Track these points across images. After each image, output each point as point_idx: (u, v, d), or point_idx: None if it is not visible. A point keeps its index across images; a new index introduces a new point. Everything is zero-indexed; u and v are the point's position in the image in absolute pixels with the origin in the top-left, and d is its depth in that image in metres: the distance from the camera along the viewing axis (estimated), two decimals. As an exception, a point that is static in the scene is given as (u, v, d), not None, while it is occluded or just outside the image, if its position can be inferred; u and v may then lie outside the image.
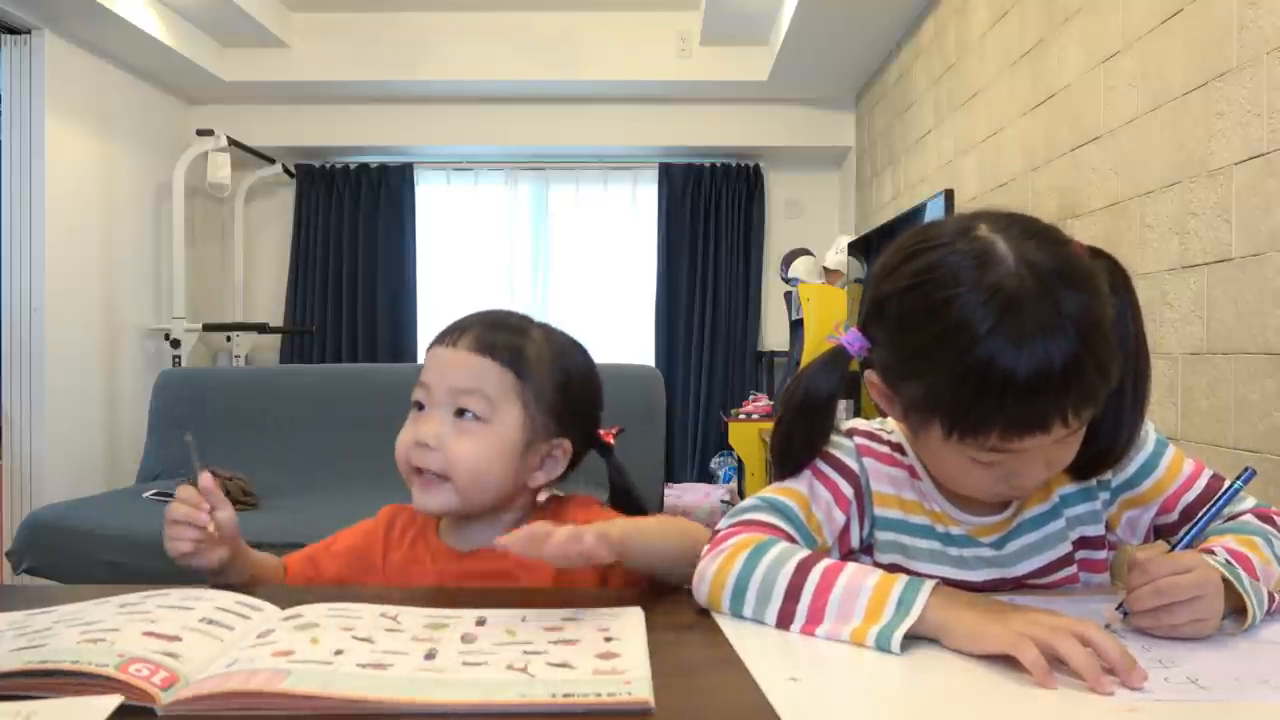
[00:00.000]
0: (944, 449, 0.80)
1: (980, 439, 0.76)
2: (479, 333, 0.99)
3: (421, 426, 0.97)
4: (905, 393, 0.81)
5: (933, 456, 0.86)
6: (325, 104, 4.92)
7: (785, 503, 0.88)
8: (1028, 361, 0.71)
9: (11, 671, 0.61)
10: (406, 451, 0.97)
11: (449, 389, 0.97)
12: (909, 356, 0.79)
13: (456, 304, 5.13)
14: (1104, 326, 0.74)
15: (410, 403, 1.00)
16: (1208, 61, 1.77)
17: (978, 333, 0.72)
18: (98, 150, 4.12)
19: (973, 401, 0.74)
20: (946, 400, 0.76)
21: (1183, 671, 0.65)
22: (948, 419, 0.76)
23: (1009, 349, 0.71)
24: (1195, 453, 1.80)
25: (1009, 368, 0.71)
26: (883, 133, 4.24)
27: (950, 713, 0.61)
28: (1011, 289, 0.72)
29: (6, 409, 3.75)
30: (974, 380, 0.73)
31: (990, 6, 2.89)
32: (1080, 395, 0.73)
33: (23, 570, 2.69)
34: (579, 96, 4.87)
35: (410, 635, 0.70)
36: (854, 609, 0.73)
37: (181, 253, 4.38)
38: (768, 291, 5.17)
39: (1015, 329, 0.71)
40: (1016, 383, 0.71)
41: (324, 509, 2.58)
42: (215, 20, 4.22)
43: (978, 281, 0.73)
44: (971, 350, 0.72)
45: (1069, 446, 0.80)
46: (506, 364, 0.98)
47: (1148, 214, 1.98)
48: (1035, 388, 0.72)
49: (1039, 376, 0.71)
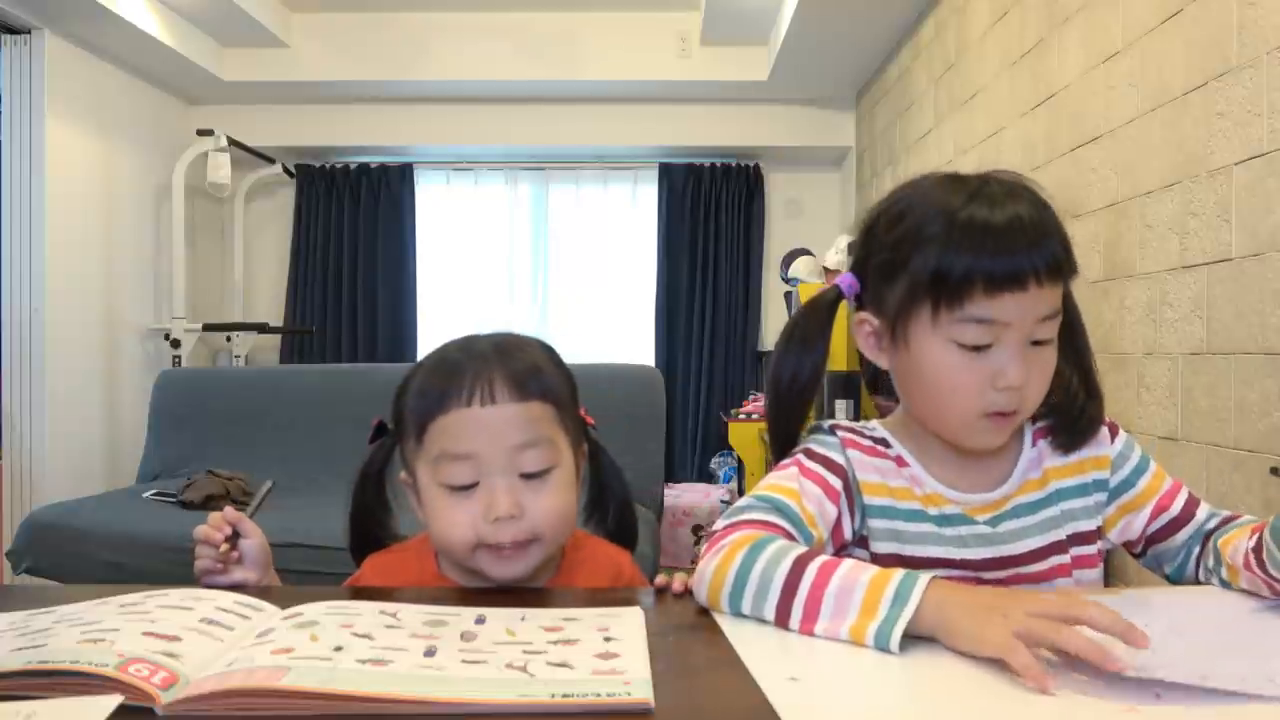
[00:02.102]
0: (934, 345, 0.86)
1: (964, 301, 0.83)
2: (508, 378, 0.90)
3: (493, 502, 0.88)
4: (893, 296, 0.88)
5: (924, 370, 0.88)
6: (325, 104, 4.92)
7: (780, 499, 0.88)
8: (1002, 213, 0.83)
9: (11, 671, 0.61)
10: (474, 534, 0.89)
11: (505, 451, 0.89)
12: (895, 247, 0.88)
13: (456, 304, 5.16)
14: (1059, 219, 0.87)
15: (440, 486, 0.90)
16: (1208, 61, 1.77)
17: (955, 204, 0.84)
18: (98, 150, 4.12)
19: (955, 258, 0.82)
20: (931, 269, 0.84)
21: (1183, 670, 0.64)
22: (933, 289, 0.84)
23: (984, 207, 0.83)
24: (1195, 453, 1.80)
25: (986, 218, 0.83)
26: (883, 132, 4.24)
27: (951, 713, 0.60)
28: (982, 182, 0.87)
29: (6, 409, 3.75)
30: (956, 236, 0.83)
31: (990, 6, 2.89)
32: (1048, 256, 0.82)
33: (23, 570, 2.69)
34: (579, 96, 4.87)
35: (410, 632, 0.70)
36: (849, 604, 0.72)
37: (181, 253, 4.38)
38: (768, 291, 5.17)
39: (988, 197, 0.84)
40: (994, 230, 0.82)
41: (324, 509, 2.58)
42: (215, 20, 4.22)
43: (951, 183, 0.88)
44: (953, 215, 0.84)
45: (1044, 356, 0.86)
46: (549, 400, 0.93)
47: (1148, 214, 1.98)
48: (1010, 235, 0.82)
49: (1012, 224, 0.82)
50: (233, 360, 4.67)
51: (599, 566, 1.02)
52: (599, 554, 1.04)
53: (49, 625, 0.69)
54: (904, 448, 0.94)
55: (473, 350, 0.94)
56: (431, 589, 0.97)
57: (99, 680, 0.59)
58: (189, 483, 2.93)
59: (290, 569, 2.23)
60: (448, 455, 0.90)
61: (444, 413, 0.90)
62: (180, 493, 2.88)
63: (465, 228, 5.29)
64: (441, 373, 0.92)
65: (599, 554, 1.04)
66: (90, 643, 0.64)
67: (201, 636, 0.67)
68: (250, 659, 0.63)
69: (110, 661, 0.60)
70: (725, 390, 5.12)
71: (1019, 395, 0.85)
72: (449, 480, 0.90)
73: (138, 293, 4.41)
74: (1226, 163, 1.71)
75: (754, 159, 5.20)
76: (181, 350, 4.28)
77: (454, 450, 0.89)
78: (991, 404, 0.85)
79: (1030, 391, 0.86)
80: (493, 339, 0.97)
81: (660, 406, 3.09)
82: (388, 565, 1.01)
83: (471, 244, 5.29)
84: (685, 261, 5.17)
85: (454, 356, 0.94)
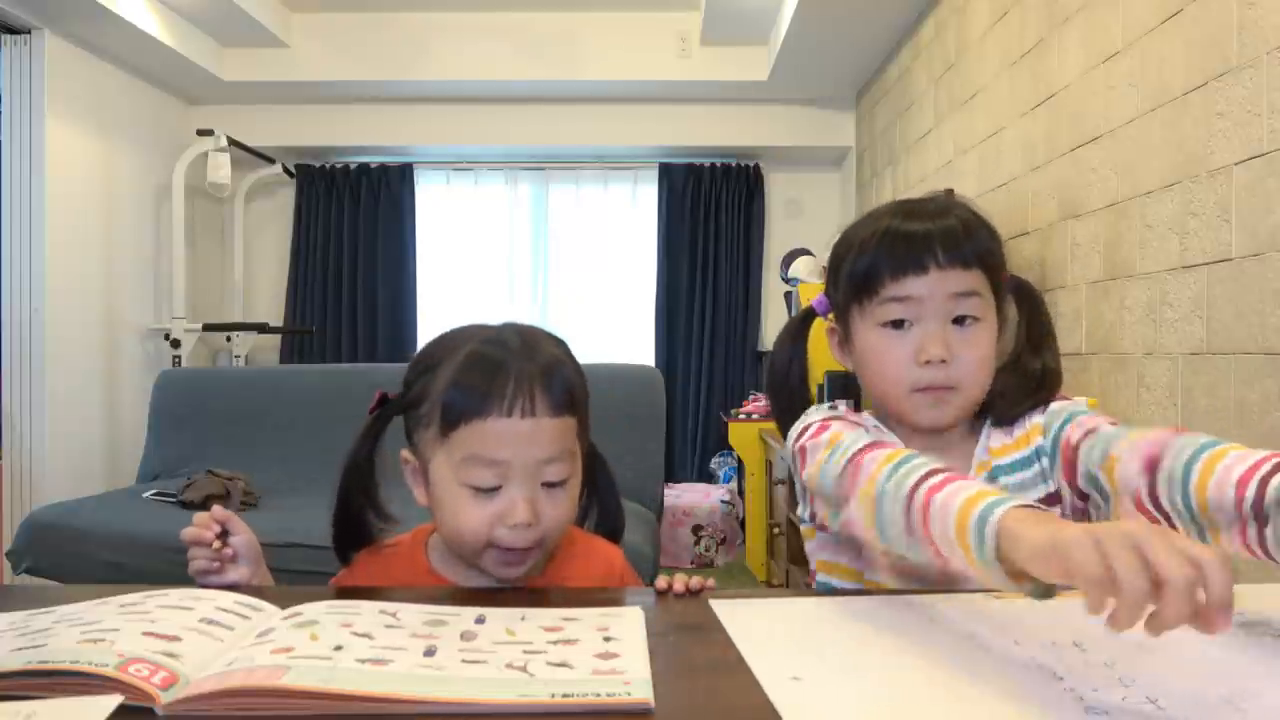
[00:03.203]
0: (867, 332, 0.98)
1: (877, 287, 0.96)
2: (546, 390, 0.90)
3: (512, 509, 0.89)
4: (839, 300, 1.02)
5: (866, 358, 0.99)
6: (325, 104, 4.92)
7: (848, 429, 0.94)
8: (912, 221, 0.96)
9: (11, 671, 0.61)
10: (486, 534, 0.90)
11: (534, 462, 0.90)
12: (837, 258, 1.03)
13: (457, 304, 5.15)
14: (976, 212, 0.99)
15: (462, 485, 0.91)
16: (1208, 61, 1.77)
17: (880, 217, 0.99)
18: (98, 150, 4.12)
19: (866, 257, 0.97)
20: (850, 269, 0.99)
21: (1141, 691, 0.62)
22: (855, 284, 0.98)
23: (901, 219, 0.97)
24: (1195, 453, 1.79)
25: (895, 225, 0.97)
26: (883, 132, 4.24)
27: (952, 713, 0.60)
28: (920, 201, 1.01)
29: (6, 409, 3.75)
30: (872, 241, 0.97)
31: (990, 6, 2.89)
32: (944, 240, 0.94)
33: (23, 570, 2.69)
34: (579, 96, 4.87)
35: (410, 632, 0.70)
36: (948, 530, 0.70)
37: (181, 253, 4.38)
38: (768, 291, 5.17)
39: (911, 211, 0.98)
40: (896, 231, 0.96)
41: (324, 509, 2.57)
42: (215, 20, 4.22)
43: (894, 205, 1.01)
44: (873, 226, 0.98)
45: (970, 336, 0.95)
46: (574, 414, 0.94)
47: (1148, 214, 1.98)
48: (910, 234, 0.95)
49: (914, 226, 0.95)
50: (233, 360, 4.67)
51: (591, 562, 1.03)
52: (591, 549, 1.05)
53: (49, 625, 0.69)
54: (887, 435, 1.00)
55: (508, 348, 0.92)
56: (430, 589, 0.97)
57: (99, 680, 0.59)
58: (189, 483, 2.93)
59: (290, 569, 2.24)
60: (478, 459, 0.89)
61: (483, 418, 0.89)
62: (180, 493, 2.88)
63: (465, 228, 5.29)
64: (482, 372, 0.90)
65: (591, 549, 1.05)
66: (90, 643, 0.64)
67: (201, 636, 0.68)
68: (250, 659, 0.63)
69: (110, 661, 0.60)
70: (725, 390, 5.11)
71: (945, 371, 0.94)
72: (474, 482, 0.90)
73: (138, 293, 4.41)
74: (1226, 163, 1.71)
75: (754, 159, 5.20)
76: (181, 350, 4.28)
77: (486, 455, 0.89)
78: (919, 379, 0.95)
79: (962, 368, 0.95)
80: (519, 335, 0.95)
81: (660, 406, 3.09)
82: (378, 564, 1.01)
83: (471, 244, 5.28)
84: (685, 261, 5.17)
85: (493, 355, 0.92)
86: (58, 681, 0.60)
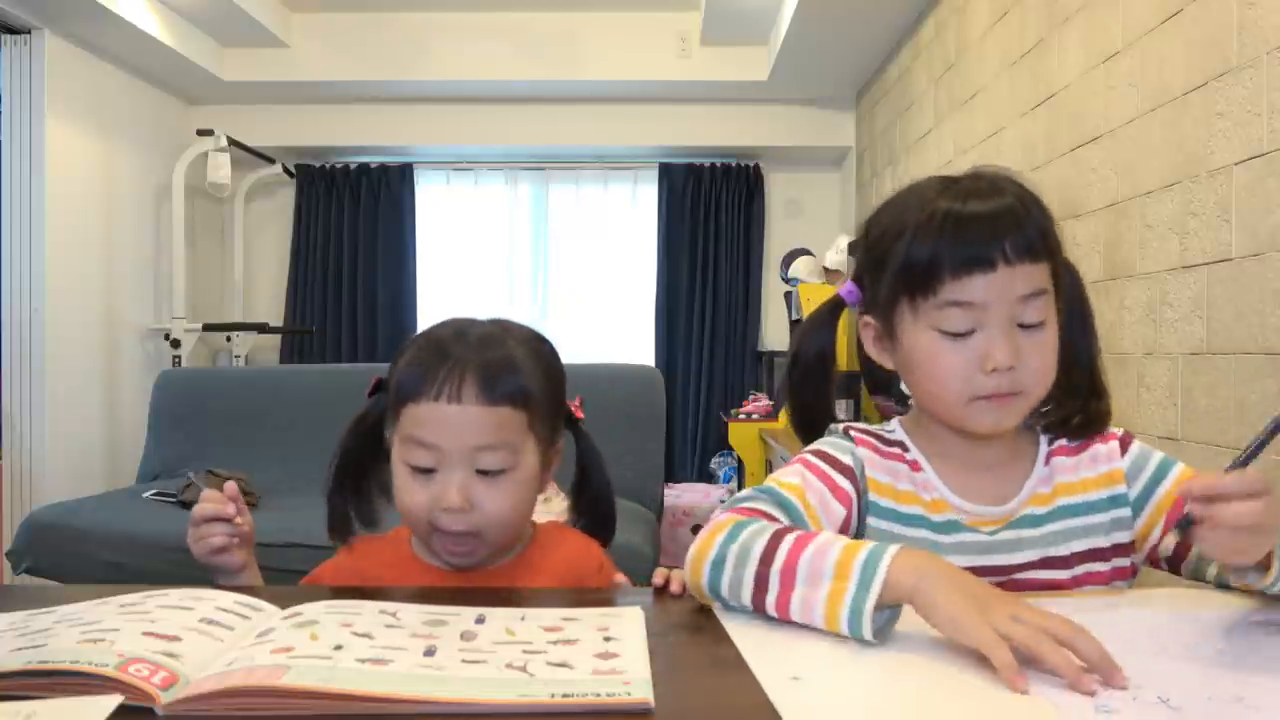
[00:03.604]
0: (919, 336, 0.87)
1: (935, 286, 0.84)
2: (480, 379, 0.92)
3: (444, 492, 0.91)
4: (880, 295, 0.90)
5: (916, 361, 0.89)
6: (325, 104, 4.92)
7: (780, 492, 0.89)
8: (972, 202, 0.85)
9: (11, 671, 0.61)
10: (426, 515, 0.93)
11: (466, 449, 0.91)
12: (876, 247, 0.91)
13: (457, 304, 5.15)
14: (1037, 198, 0.88)
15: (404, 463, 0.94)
16: (1208, 61, 1.77)
17: (929, 198, 0.87)
18: (98, 150, 4.12)
19: (920, 247, 0.84)
20: (901, 260, 0.86)
21: (1153, 690, 0.62)
22: (906, 280, 0.86)
23: (956, 199, 0.85)
24: (1195, 452, 1.80)
25: (951, 207, 0.84)
26: (883, 132, 4.24)
27: (953, 714, 0.60)
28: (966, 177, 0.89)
29: (6, 409, 3.75)
30: (924, 226, 0.85)
31: (990, 6, 2.89)
32: (1015, 232, 0.83)
33: (23, 570, 2.69)
34: (579, 96, 4.87)
35: (410, 632, 0.70)
36: (823, 566, 0.73)
37: (181, 253, 4.38)
38: (768, 291, 5.17)
39: (963, 190, 0.86)
40: (956, 215, 0.84)
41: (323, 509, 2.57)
42: (215, 20, 4.22)
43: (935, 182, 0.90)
44: (924, 208, 0.86)
45: (1037, 340, 0.85)
46: (519, 406, 0.93)
47: (1148, 214, 1.98)
48: (974, 219, 0.83)
49: (977, 209, 0.84)
50: (233, 360, 4.67)
51: (566, 551, 1.04)
52: (567, 540, 1.05)
53: (49, 625, 0.69)
54: (921, 452, 0.94)
55: (461, 338, 0.95)
56: (430, 588, 0.97)
57: (99, 680, 0.59)
58: (189, 483, 2.93)
59: (290, 569, 2.22)
60: (412, 439, 0.93)
61: (414, 401, 0.93)
62: (180, 493, 2.88)
63: (465, 228, 5.29)
64: (425, 356, 0.94)
65: (567, 540, 1.05)
66: (90, 643, 0.64)
67: (201, 636, 0.67)
68: (250, 658, 0.63)
69: (110, 661, 0.60)
70: (725, 390, 5.11)
71: (1011, 377, 0.85)
72: (412, 461, 0.93)
73: (138, 293, 4.41)
74: (1226, 163, 1.71)
75: (754, 159, 5.20)
76: (181, 350, 4.28)
77: (417, 436, 0.92)
78: (981, 388, 0.85)
79: (1028, 374, 0.85)
80: (485, 329, 0.98)
81: (660, 406, 3.09)
82: (372, 548, 1.03)
83: (471, 244, 5.28)
84: (685, 261, 5.17)
85: (441, 343, 0.95)
86: (58, 681, 0.60)
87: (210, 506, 0.97)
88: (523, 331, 1.01)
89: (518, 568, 1.00)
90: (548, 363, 1.00)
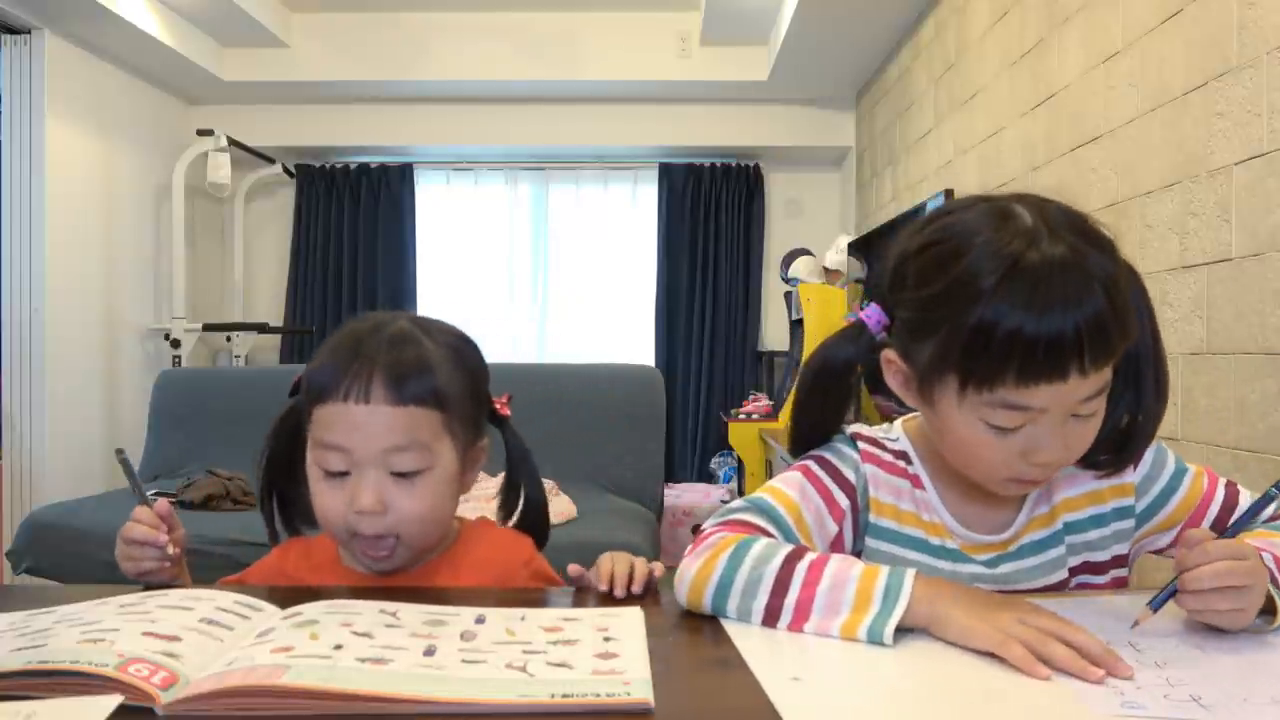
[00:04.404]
0: (961, 418, 0.79)
1: (994, 386, 0.75)
2: (388, 379, 0.89)
3: (357, 494, 0.89)
4: (921, 355, 0.80)
5: (950, 433, 0.82)
6: (325, 104, 4.92)
7: (773, 506, 0.87)
8: (1047, 310, 0.72)
9: (11, 671, 0.61)
10: (343, 520, 0.90)
11: (376, 451, 0.89)
12: (924, 308, 0.79)
13: (456, 304, 5.15)
14: (1121, 282, 0.76)
15: (317, 467, 0.91)
16: (1208, 61, 1.77)
17: (985, 286, 0.73)
18: (98, 150, 4.12)
19: (989, 345, 0.73)
20: (963, 346, 0.75)
21: (1186, 690, 0.62)
22: (962, 367, 0.76)
23: (1031, 292, 0.72)
24: (1195, 452, 1.80)
25: (1023, 322, 0.72)
26: (883, 132, 4.24)
27: (953, 712, 0.60)
28: (1033, 236, 0.75)
29: (6, 409, 3.75)
30: (990, 327, 0.73)
31: (990, 6, 2.89)
32: (1097, 336, 0.72)
33: (23, 570, 2.69)
34: (579, 96, 4.87)
35: (409, 631, 0.70)
36: (842, 599, 0.73)
37: (181, 253, 4.38)
38: (768, 291, 5.17)
39: (1038, 274, 0.73)
40: (1033, 329, 0.72)
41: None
42: (215, 20, 4.22)
43: (995, 233, 0.76)
44: (994, 264, 0.74)
45: (1088, 425, 0.79)
46: (432, 405, 0.91)
47: (1148, 214, 1.98)
48: (1055, 340, 0.72)
49: (1057, 329, 0.72)
50: (233, 360, 4.68)
51: (488, 551, 1.01)
52: (495, 539, 1.03)
53: (49, 625, 0.69)
54: (924, 467, 0.92)
55: (373, 337, 0.92)
56: (431, 589, 0.96)
57: (99, 680, 0.59)
58: (189, 483, 2.93)
59: (290, 569, 2.24)
60: (322, 442, 0.91)
61: (323, 402, 0.90)
62: (180, 493, 2.88)
63: (465, 228, 5.29)
64: (335, 357, 0.91)
65: (495, 539, 1.03)
66: (90, 643, 0.64)
67: (201, 636, 0.67)
68: (250, 658, 0.63)
69: (110, 661, 0.60)
70: (725, 390, 5.11)
71: (1055, 469, 0.82)
72: (324, 465, 0.91)
73: (138, 293, 4.41)
74: (1226, 163, 1.71)
75: (754, 159, 5.20)
76: (181, 350, 4.28)
77: (326, 439, 0.90)
78: (1020, 473, 0.81)
79: (1070, 456, 0.81)
80: (400, 326, 0.95)
81: (660, 406, 3.09)
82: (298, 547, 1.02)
83: (471, 244, 5.28)
84: (685, 261, 5.17)
85: (351, 342, 0.92)
86: (58, 681, 0.60)
87: (141, 530, 0.92)
88: (442, 329, 0.98)
89: (440, 567, 0.98)
90: (467, 361, 0.97)
